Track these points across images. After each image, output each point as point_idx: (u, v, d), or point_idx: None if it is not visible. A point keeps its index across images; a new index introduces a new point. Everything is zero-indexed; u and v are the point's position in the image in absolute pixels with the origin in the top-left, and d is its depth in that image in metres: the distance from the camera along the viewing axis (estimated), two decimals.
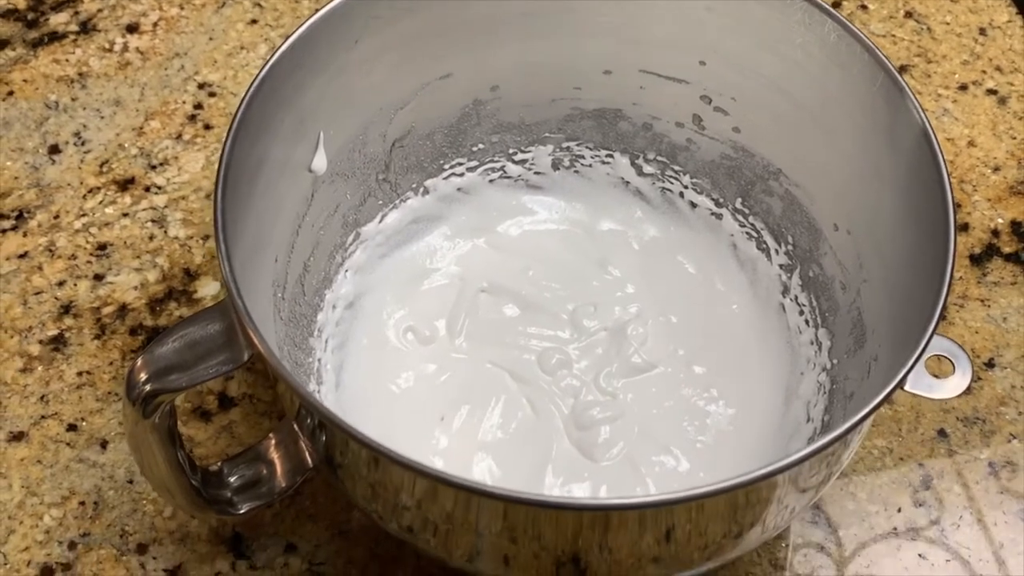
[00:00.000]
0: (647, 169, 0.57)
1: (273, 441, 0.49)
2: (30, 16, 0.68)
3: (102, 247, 0.60)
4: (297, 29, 0.47)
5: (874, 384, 0.45)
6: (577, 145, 0.57)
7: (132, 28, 0.68)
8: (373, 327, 0.54)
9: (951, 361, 0.43)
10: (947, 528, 0.53)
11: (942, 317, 0.58)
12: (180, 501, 0.46)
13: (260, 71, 0.46)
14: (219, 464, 0.48)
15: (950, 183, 0.43)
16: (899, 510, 0.54)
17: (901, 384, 0.41)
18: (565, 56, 0.54)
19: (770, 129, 0.52)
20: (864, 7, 0.69)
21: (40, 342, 0.57)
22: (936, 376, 0.44)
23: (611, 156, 0.57)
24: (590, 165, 0.58)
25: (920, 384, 0.42)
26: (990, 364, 0.57)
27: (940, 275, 0.40)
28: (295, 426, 0.46)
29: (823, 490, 0.46)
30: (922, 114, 0.44)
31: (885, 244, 0.47)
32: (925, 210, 0.43)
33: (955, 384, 0.43)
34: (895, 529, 0.53)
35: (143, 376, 0.41)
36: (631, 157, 0.57)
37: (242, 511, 0.48)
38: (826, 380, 0.51)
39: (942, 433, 0.55)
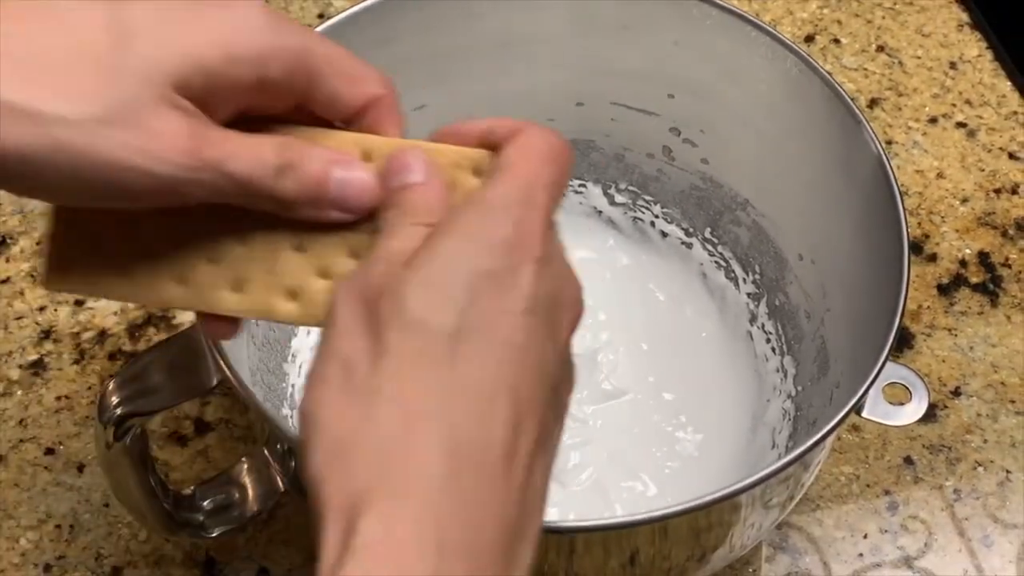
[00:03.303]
0: (619, 199, 0.58)
1: (246, 466, 0.49)
2: None
3: None
4: None
5: (836, 411, 0.46)
6: None
7: None
8: None
9: (908, 389, 0.44)
10: (912, 554, 0.54)
11: (905, 346, 0.59)
12: (152, 523, 0.47)
13: None
14: (192, 488, 0.49)
15: (905, 214, 0.44)
16: (865, 536, 0.54)
17: (858, 411, 0.42)
18: (538, 88, 0.55)
19: (737, 160, 0.53)
20: (837, 41, 0.70)
21: (20, 366, 0.58)
22: (899, 403, 0.45)
23: (584, 186, 0.58)
24: (563, 194, 0.58)
25: (877, 411, 0.43)
26: (956, 393, 0.58)
27: (894, 304, 0.41)
28: (265, 451, 0.47)
29: (785, 513, 0.47)
30: (879, 145, 0.45)
31: (846, 274, 0.48)
32: (881, 240, 0.44)
33: (911, 411, 0.44)
34: (861, 555, 0.54)
35: (115, 399, 0.42)
36: (604, 187, 0.58)
37: (214, 534, 0.49)
38: (791, 407, 0.51)
39: (908, 460, 0.56)
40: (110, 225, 0.34)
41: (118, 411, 0.42)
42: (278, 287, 0.34)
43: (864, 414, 0.43)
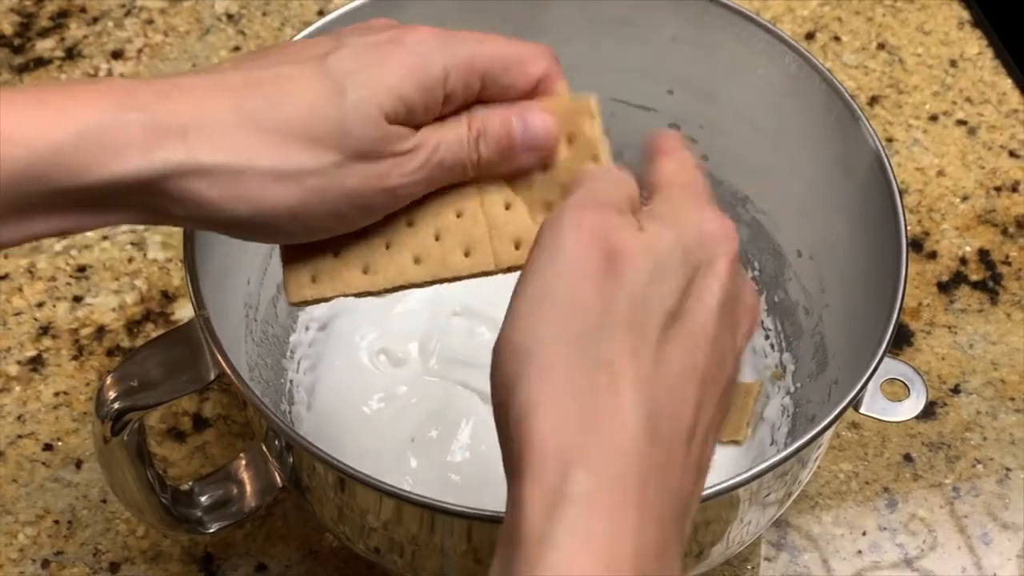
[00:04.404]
0: None
1: (243, 461, 0.49)
2: (16, 42, 0.69)
3: (81, 269, 0.61)
4: None
5: (834, 407, 0.46)
6: None
7: (117, 54, 0.69)
8: (346, 349, 0.55)
9: (907, 385, 0.44)
10: (911, 552, 0.54)
11: (905, 344, 0.59)
12: (150, 519, 0.47)
13: None
14: (190, 484, 0.49)
15: (904, 209, 0.44)
16: (864, 533, 0.54)
17: (856, 407, 0.41)
18: None
19: (736, 157, 0.53)
20: (837, 38, 0.70)
21: (18, 362, 0.58)
22: (897, 399, 0.44)
23: None
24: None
25: (875, 407, 0.43)
26: (956, 390, 0.58)
27: (892, 300, 0.41)
28: (263, 447, 0.47)
29: (783, 510, 0.47)
30: (877, 142, 0.45)
31: (844, 270, 0.48)
32: (880, 236, 0.44)
33: (910, 407, 0.43)
34: (860, 552, 0.54)
35: (112, 394, 0.42)
36: None
37: (212, 530, 0.49)
38: (790, 403, 0.51)
39: (908, 458, 0.56)
40: (337, 237, 0.38)
41: (115, 406, 0.42)
42: (503, 238, 0.38)
43: (862, 410, 0.43)
